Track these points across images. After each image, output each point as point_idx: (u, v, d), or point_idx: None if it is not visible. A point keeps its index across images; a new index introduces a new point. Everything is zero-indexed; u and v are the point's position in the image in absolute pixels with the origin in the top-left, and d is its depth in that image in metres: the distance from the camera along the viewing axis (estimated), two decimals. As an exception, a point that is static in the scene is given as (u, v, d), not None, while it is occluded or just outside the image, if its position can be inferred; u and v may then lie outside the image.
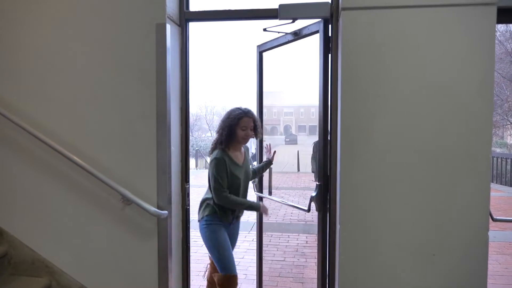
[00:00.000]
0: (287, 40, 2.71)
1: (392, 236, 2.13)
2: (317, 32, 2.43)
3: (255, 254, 3.34)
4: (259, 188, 3.28)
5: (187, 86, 2.58)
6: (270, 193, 3.30)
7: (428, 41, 2.05)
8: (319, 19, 2.39)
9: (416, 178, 2.09)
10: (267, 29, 2.64)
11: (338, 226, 2.20)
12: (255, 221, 3.40)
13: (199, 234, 2.71)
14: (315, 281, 2.58)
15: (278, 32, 2.70)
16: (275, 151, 3.14)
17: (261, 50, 3.08)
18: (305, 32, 2.53)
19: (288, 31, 2.65)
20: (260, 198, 3.25)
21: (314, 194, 2.47)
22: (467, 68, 2.03)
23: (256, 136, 2.81)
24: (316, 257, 2.56)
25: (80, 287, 2.43)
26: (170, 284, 2.34)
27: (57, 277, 2.45)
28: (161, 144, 2.29)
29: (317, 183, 2.48)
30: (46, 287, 2.41)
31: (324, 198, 2.46)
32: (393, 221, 2.12)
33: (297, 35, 2.59)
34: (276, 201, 3.16)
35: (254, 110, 3.02)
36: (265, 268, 4.43)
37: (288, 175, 13.56)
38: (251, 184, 3.01)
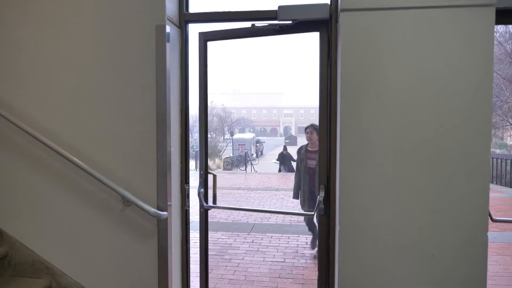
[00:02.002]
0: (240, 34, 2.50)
1: (391, 237, 2.13)
2: (305, 30, 2.41)
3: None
4: (205, 198, 2.71)
5: (186, 87, 2.59)
6: (214, 201, 2.80)
7: (426, 42, 2.06)
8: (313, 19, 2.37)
9: (415, 178, 2.09)
10: (255, 24, 2.48)
11: (337, 227, 2.20)
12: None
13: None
14: (315, 282, 2.58)
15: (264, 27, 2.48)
16: None
17: (206, 38, 2.63)
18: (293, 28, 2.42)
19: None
20: (205, 210, 2.73)
21: (321, 198, 2.39)
22: (466, 69, 2.03)
23: None
24: (318, 258, 2.55)
25: (80, 288, 2.43)
26: (170, 284, 2.34)
27: (57, 278, 2.45)
28: (161, 145, 2.29)
29: (322, 185, 2.44)
30: (46, 288, 2.41)
31: (329, 200, 2.43)
32: (392, 222, 2.13)
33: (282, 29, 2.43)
34: (231, 208, 2.95)
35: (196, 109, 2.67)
36: (265, 269, 4.44)
37: (288, 176, 13.58)
38: (197, 198, 2.59)
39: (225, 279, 4.04)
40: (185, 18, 2.53)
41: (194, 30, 2.75)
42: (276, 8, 2.37)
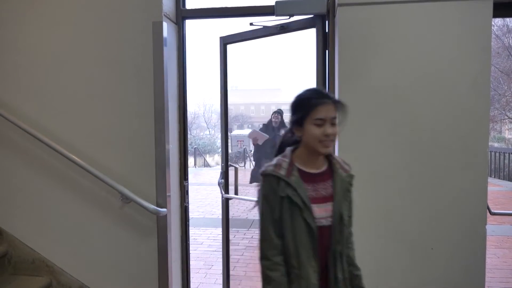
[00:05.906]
0: (258, 35, 2.60)
1: (389, 230, 2.14)
2: (306, 27, 2.42)
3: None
4: (226, 189, 2.98)
5: (184, 84, 2.58)
6: (236, 193, 3.16)
7: (424, 36, 2.05)
8: (312, 15, 2.38)
9: (413, 172, 2.10)
10: (253, 23, 2.52)
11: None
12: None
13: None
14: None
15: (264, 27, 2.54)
16: None
17: (226, 42, 2.79)
18: (294, 26, 2.47)
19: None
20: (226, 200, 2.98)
21: None
22: (464, 63, 2.03)
23: None
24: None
25: (80, 286, 2.44)
26: (170, 281, 2.35)
27: (57, 276, 2.45)
28: (159, 142, 2.29)
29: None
30: (46, 286, 2.41)
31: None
32: (390, 216, 2.13)
33: (284, 28, 2.48)
34: (246, 199, 3.13)
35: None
36: (265, 265, 4.45)
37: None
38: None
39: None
40: (182, 14, 2.52)
41: (193, 24, 2.75)
42: (273, 4, 2.37)
